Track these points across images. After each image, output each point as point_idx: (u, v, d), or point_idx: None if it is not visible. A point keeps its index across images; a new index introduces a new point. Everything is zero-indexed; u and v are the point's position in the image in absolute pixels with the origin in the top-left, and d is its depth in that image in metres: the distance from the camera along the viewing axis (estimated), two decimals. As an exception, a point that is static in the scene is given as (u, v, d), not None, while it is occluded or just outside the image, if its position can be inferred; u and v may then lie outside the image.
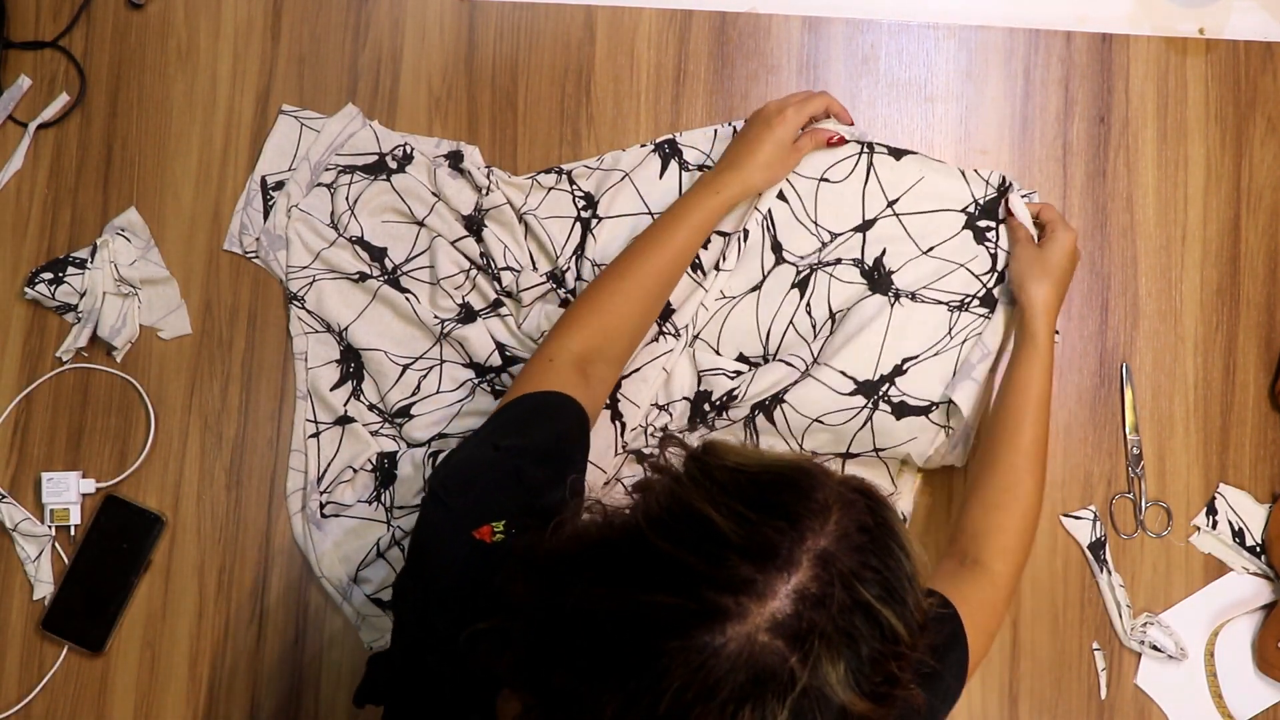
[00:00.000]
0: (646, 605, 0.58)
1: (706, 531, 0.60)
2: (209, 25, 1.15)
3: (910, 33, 1.15)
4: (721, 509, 0.61)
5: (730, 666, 0.56)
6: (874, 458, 1.06)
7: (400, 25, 1.15)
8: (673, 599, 0.58)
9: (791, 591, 0.58)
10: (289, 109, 1.13)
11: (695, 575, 0.58)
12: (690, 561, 0.59)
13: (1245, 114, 1.15)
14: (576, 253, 1.10)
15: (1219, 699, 1.08)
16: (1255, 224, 1.14)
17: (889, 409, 1.03)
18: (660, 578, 0.59)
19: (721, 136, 1.12)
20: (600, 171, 1.12)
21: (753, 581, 0.58)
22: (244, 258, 1.12)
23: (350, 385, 1.10)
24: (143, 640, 1.08)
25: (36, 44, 1.15)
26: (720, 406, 1.05)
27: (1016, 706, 1.08)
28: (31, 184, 1.13)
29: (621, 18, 1.15)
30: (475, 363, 1.09)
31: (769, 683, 0.56)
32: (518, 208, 1.10)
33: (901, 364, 1.03)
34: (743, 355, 1.08)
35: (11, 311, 1.12)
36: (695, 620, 0.57)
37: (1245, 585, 1.09)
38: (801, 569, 0.58)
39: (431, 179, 1.11)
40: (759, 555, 0.58)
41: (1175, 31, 1.16)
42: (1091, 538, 1.09)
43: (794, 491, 0.62)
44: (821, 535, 0.60)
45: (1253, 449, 1.11)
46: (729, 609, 0.57)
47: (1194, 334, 1.12)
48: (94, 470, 1.10)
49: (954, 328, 1.05)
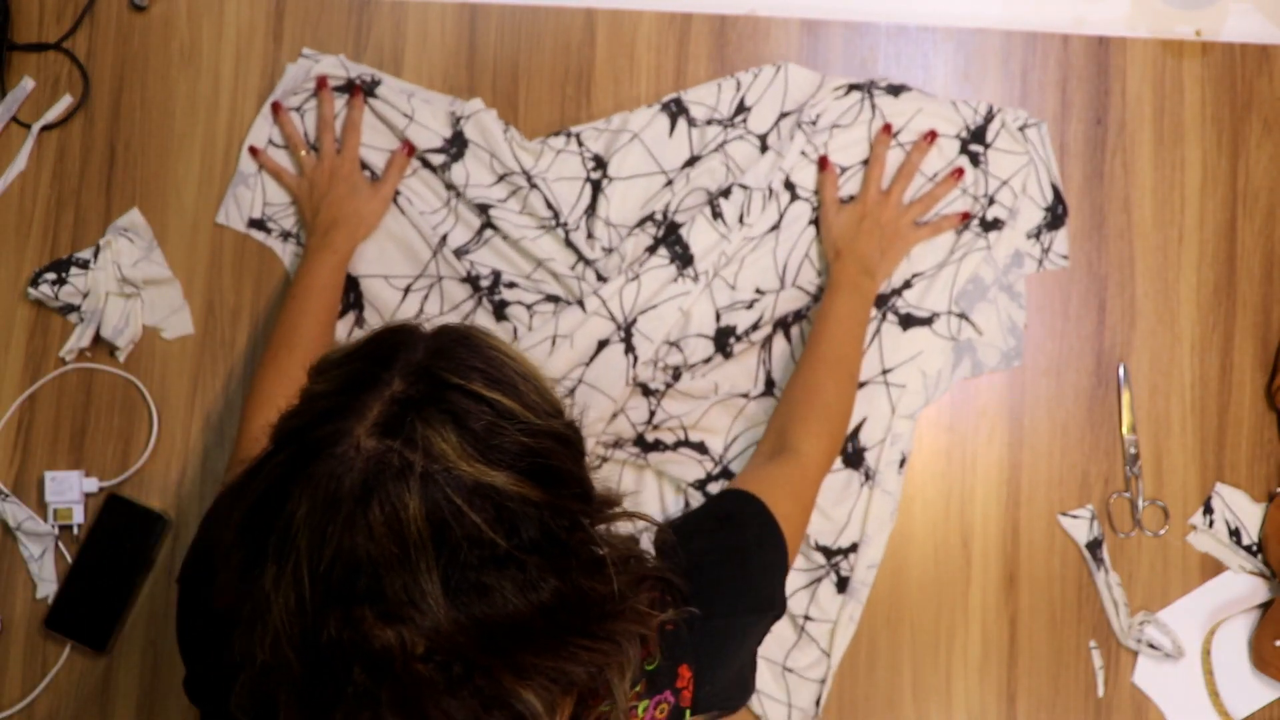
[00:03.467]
0: (268, 475, 0.61)
1: (307, 398, 0.64)
2: (211, 27, 1.16)
3: (908, 35, 1.16)
4: (321, 380, 0.64)
5: (344, 474, 0.58)
6: (881, 387, 1.09)
7: (401, 28, 1.16)
8: (282, 456, 0.61)
9: (386, 399, 0.60)
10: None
11: (296, 429, 0.61)
12: (292, 425, 0.62)
13: (1241, 116, 1.15)
14: (587, 212, 1.12)
15: (1215, 697, 1.08)
16: (1251, 225, 1.14)
17: (896, 320, 1.10)
18: (277, 453, 0.62)
19: (726, 88, 1.14)
20: (609, 132, 1.14)
21: (347, 407, 0.60)
22: (243, 258, 1.13)
23: (353, 315, 1.11)
24: (145, 639, 1.08)
25: (40, 46, 1.15)
26: (743, 335, 1.09)
27: (1014, 705, 1.08)
28: (35, 185, 1.14)
29: (621, 20, 1.16)
30: (472, 277, 1.10)
31: (384, 473, 0.57)
32: (528, 169, 1.11)
33: (910, 279, 1.11)
34: (759, 289, 1.11)
35: (15, 312, 1.12)
36: (307, 458, 0.59)
37: (1242, 584, 1.10)
38: (394, 383, 0.61)
39: (407, 102, 1.12)
40: (349, 386, 0.61)
41: (1172, 34, 1.17)
42: (1089, 537, 1.09)
43: (382, 341, 0.65)
44: (413, 352, 0.63)
45: (1249, 448, 1.12)
46: (329, 435, 0.59)
47: (1191, 334, 1.13)
48: (97, 469, 1.10)
49: (956, 246, 1.12)
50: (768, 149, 1.12)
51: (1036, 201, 1.13)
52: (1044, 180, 1.13)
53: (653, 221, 1.11)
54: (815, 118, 1.12)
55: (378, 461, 0.58)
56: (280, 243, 1.13)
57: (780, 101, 1.13)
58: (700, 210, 1.09)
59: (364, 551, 0.57)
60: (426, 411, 0.59)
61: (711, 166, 1.12)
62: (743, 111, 1.13)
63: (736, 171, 1.12)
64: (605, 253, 1.11)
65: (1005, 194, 1.12)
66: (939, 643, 1.09)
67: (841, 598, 1.07)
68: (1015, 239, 1.12)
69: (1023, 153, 1.13)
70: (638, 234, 1.11)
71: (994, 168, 1.12)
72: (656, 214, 1.11)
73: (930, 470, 1.11)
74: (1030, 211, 1.13)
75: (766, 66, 1.14)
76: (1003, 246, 1.12)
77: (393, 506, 0.57)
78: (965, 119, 1.14)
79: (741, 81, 1.14)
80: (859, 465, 1.08)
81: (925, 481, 1.11)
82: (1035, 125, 1.14)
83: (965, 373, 1.11)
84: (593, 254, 1.10)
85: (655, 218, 1.11)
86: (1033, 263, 1.13)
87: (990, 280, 1.12)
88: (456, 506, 0.57)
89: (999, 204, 1.12)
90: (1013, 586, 1.09)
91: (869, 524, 1.07)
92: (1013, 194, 1.12)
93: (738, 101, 1.14)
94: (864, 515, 1.07)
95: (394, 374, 0.61)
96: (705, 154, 1.12)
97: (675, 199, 1.11)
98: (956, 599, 1.09)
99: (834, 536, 1.07)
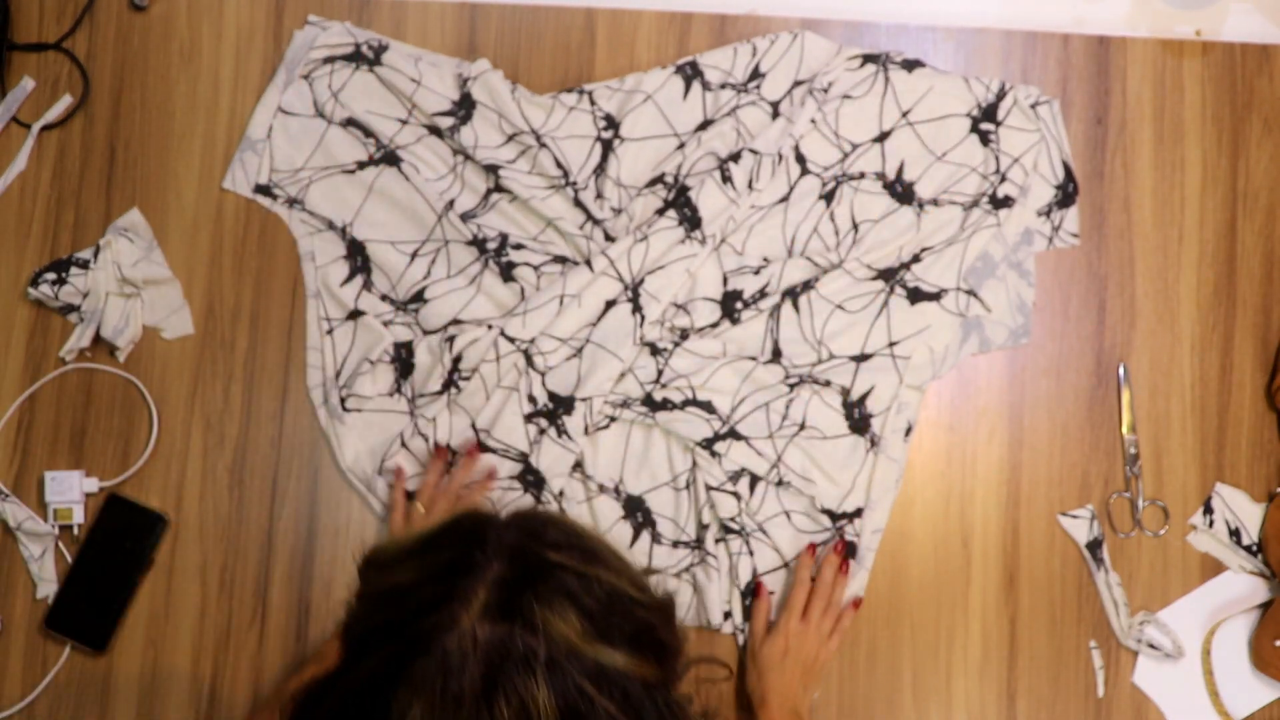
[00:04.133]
0: (354, 683, 0.55)
1: (393, 591, 0.58)
2: (211, 27, 1.16)
3: (908, 35, 1.16)
4: (398, 571, 0.59)
5: (461, 669, 0.53)
6: (887, 359, 1.09)
7: (401, 28, 1.16)
8: (373, 660, 0.55)
9: (490, 583, 0.56)
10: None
11: (385, 626, 0.56)
12: (375, 623, 0.57)
13: (1242, 116, 1.15)
14: (596, 171, 1.12)
15: (1215, 697, 1.08)
16: (1251, 225, 1.14)
17: (904, 293, 1.10)
18: (362, 657, 0.56)
19: (741, 54, 1.14)
20: (623, 93, 1.14)
21: (448, 594, 0.55)
22: (244, 258, 1.13)
23: (360, 279, 1.11)
24: (145, 639, 1.08)
25: (40, 46, 1.15)
26: (750, 302, 1.10)
27: (1014, 705, 1.08)
28: (35, 185, 1.14)
29: (621, 20, 1.15)
30: (478, 239, 1.11)
31: (506, 661, 0.53)
32: (537, 128, 1.11)
33: (919, 253, 1.11)
34: (766, 258, 1.11)
35: (15, 312, 1.12)
36: (409, 655, 0.54)
37: (1242, 584, 1.10)
38: (493, 566, 0.56)
39: (414, 67, 1.12)
40: (446, 573, 0.57)
41: (1172, 34, 1.17)
42: (1089, 537, 1.09)
43: (462, 525, 0.61)
44: (505, 534, 0.59)
45: (1249, 448, 1.12)
46: (434, 626, 0.54)
47: (1191, 334, 1.13)
48: (97, 469, 1.10)
49: (965, 223, 1.11)
50: (779, 116, 1.13)
51: (1047, 179, 1.13)
52: (1055, 158, 1.13)
53: (663, 184, 1.12)
54: (827, 85, 1.12)
55: (498, 650, 0.53)
56: (285, 209, 1.13)
57: (795, 70, 1.14)
58: (710, 174, 1.10)
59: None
60: (541, 591, 0.55)
61: (723, 130, 1.12)
62: (757, 77, 1.14)
63: (747, 136, 1.12)
64: (614, 213, 1.11)
65: (1016, 171, 1.12)
66: (939, 643, 1.09)
67: (850, 563, 1.08)
68: (1025, 216, 1.13)
69: (1034, 130, 1.13)
70: (647, 195, 1.12)
71: (1005, 145, 1.13)
72: (667, 176, 1.12)
73: (930, 470, 1.11)
74: (1041, 189, 1.13)
75: (783, 34, 1.14)
76: (1013, 224, 1.12)
77: (520, 700, 0.52)
78: (977, 96, 1.14)
79: (758, 47, 1.14)
80: (864, 431, 1.09)
81: (925, 482, 1.11)
82: (1047, 103, 1.14)
83: (973, 348, 1.12)
84: (601, 214, 1.11)
85: (666, 180, 1.12)
86: (1043, 240, 1.13)
87: (999, 258, 1.12)
88: (587, 694, 0.53)
89: (1010, 181, 1.12)
90: (1013, 586, 1.09)
91: (874, 489, 1.08)
92: (1023, 171, 1.12)
93: (753, 67, 1.14)
94: (869, 481, 1.08)
95: (489, 557, 0.56)
96: (718, 118, 1.13)
97: (687, 162, 1.12)
98: (956, 599, 1.09)
99: (839, 501, 1.08)
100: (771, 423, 1.08)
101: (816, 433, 1.08)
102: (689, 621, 1.08)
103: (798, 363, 1.10)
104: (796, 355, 1.10)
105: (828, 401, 1.09)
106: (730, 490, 1.07)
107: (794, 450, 1.08)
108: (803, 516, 1.09)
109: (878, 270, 1.11)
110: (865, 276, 1.11)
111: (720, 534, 1.07)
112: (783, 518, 1.08)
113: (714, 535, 1.07)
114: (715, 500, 1.07)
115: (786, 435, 1.08)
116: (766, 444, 1.08)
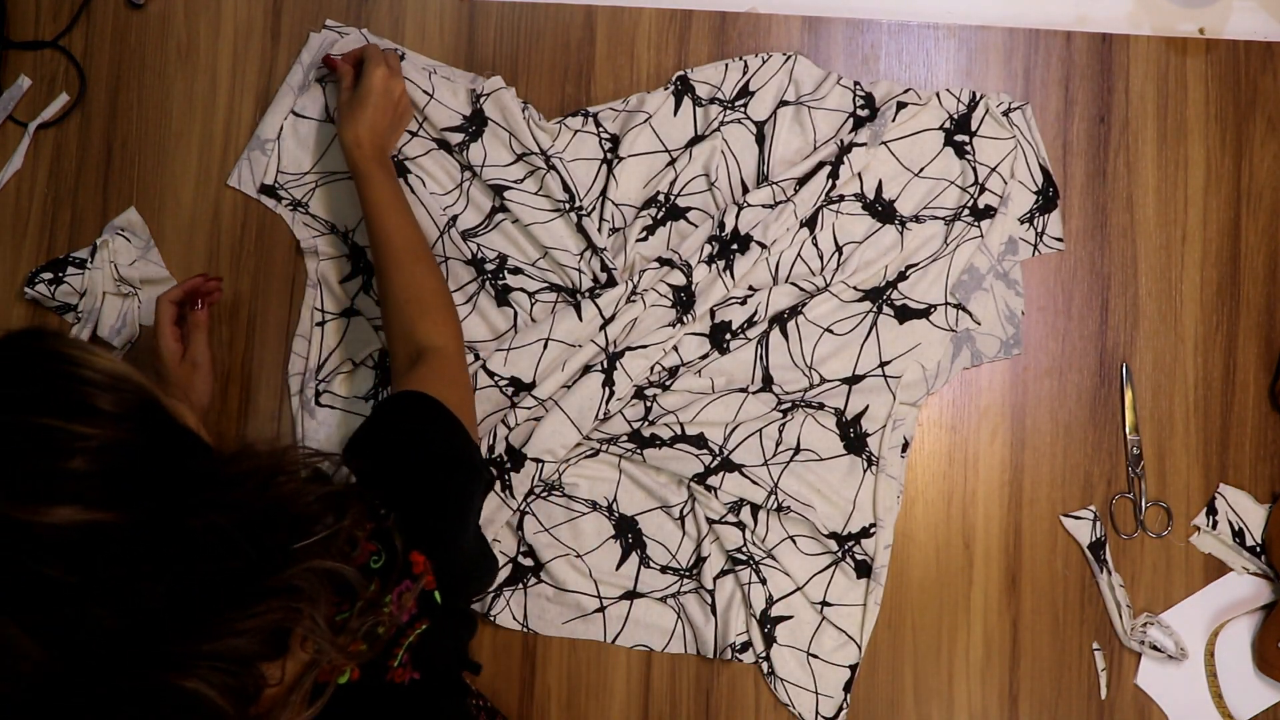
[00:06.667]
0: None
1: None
2: (209, 25, 1.15)
3: (910, 33, 1.15)
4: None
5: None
6: (879, 379, 1.09)
7: (400, 25, 1.15)
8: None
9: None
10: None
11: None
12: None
13: (1245, 114, 1.15)
14: (601, 195, 1.12)
15: (1219, 699, 1.08)
16: (1255, 224, 1.14)
17: (892, 312, 1.10)
18: None
19: (733, 70, 1.13)
20: (626, 113, 1.14)
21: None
22: (241, 258, 1.12)
23: (361, 279, 1.11)
24: (143, 640, 1.08)
25: (36, 44, 1.15)
26: (739, 332, 1.09)
27: (1016, 706, 1.08)
28: (31, 184, 1.13)
29: (621, 17, 1.15)
30: (477, 259, 1.10)
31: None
32: (545, 149, 1.11)
33: (904, 270, 1.11)
34: (751, 286, 1.11)
35: (11, 311, 1.11)
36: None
37: (1245, 585, 1.10)
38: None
39: (427, 80, 1.11)
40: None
41: (1175, 31, 1.16)
42: (1091, 538, 1.09)
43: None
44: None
45: (1253, 449, 1.11)
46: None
47: (1194, 334, 1.12)
48: (94, 470, 1.10)
49: (949, 238, 1.11)
50: (764, 138, 1.12)
51: (1027, 185, 1.13)
52: (1032, 163, 1.13)
53: (655, 203, 1.11)
54: (806, 95, 1.13)
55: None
56: (289, 212, 1.12)
57: (782, 91, 1.13)
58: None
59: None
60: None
61: (713, 146, 1.12)
62: (745, 95, 1.13)
63: (733, 161, 1.11)
64: (611, 232, 1.11)
65: (995, 181, 1.12)
66: (941, 644, 1.08)
67: (861, 582, 1.07)
68: (1008, 225, 1.12)
69: (1009, 137, 1.12)
70: (643, 215, 1.11)
71: (981, 155, 1.12)
72: (660, 195, 1.11)
73: (932, 471, 1.10)
74: (1021, 196, 1.13)
75: (777, 54, 1.14)
76: (996, 234, 1.11)
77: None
78: (948, 109, 1.13)
79: (749, 65, 1.14)
80: (861, 451, 1.08)
81: (927, 482, 1.10)
82: (1020, 108, 1.13)
83: (965, 363, 1.11)
84: (603, 242, 1.10)
85: (658, 199, 1.11)
86: (1027, 248, 1.12)
87: (985, 269, 1.12)
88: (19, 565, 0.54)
89: (989, 191, 1.11)
90: (1015, 588, 1.09)
91: (878, 508, 1.08)
92: (1002, 180, 1.12)
93: (742, 84, 1.13)
94: (872, 500, 1.08)
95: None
96: (707, 134, 1.12)
97: (679, 180, 1.11)
98: (958, 600, 1.09)
99: (842, 522, 1.07)
100: (765, 449, 1.08)
101: (812, 455, 1.08)
102: (688, 650, 1.08)
103: (789, 389, 1.09)
104: (787, 382, 1.09)
105: (822, 423, 1.08)
106: (733, 521, 1.06)
107: (790, 476, 1.07)
108: (809, 540, 1.08)
109: (864, 291, 1.11)
110: (852, 298, 1.10)
111: (727, 565, 1.07)
112: (789, 543, 1.08)
113: (714, 570, 1.06)
114: (720, 533, 1.06)
115: (781, 461, 1.08)
116: (762, 471, 1.07)
